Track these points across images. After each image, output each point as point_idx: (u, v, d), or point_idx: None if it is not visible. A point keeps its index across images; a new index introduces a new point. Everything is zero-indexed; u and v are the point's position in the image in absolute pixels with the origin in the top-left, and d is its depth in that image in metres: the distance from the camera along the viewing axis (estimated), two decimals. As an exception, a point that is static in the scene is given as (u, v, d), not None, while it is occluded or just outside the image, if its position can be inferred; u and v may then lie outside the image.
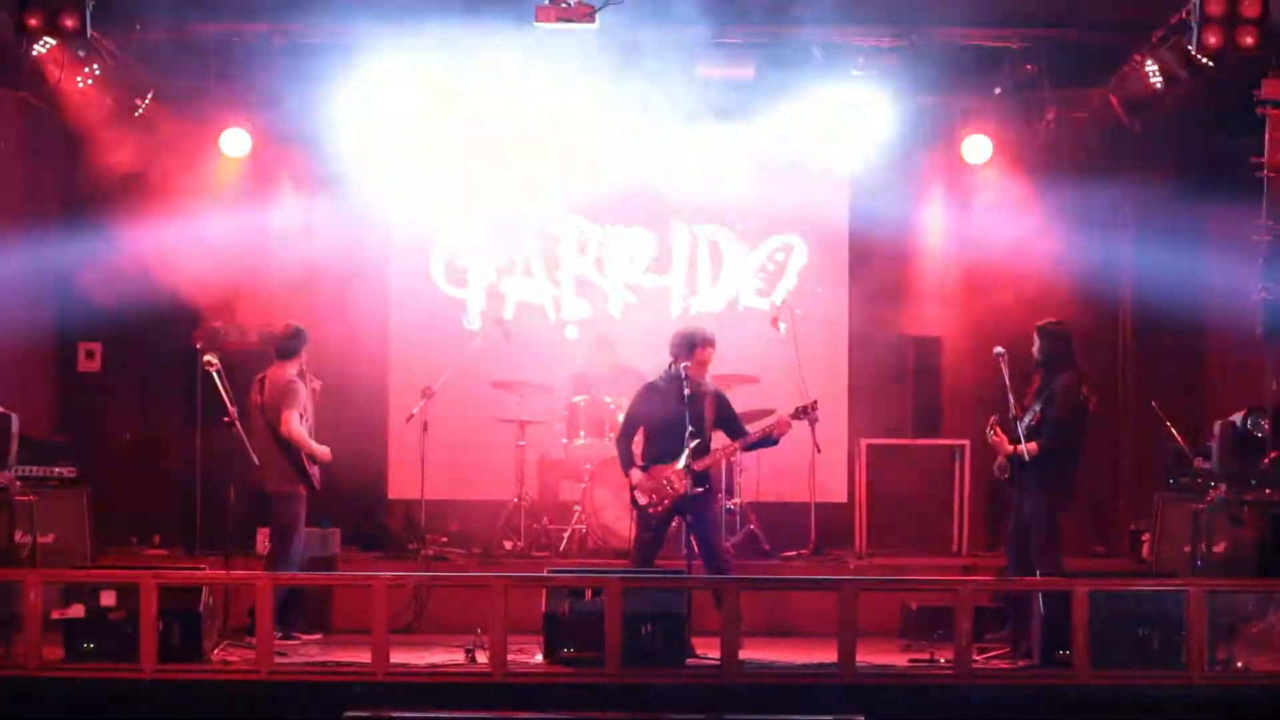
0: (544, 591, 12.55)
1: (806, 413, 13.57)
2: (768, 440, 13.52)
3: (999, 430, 13.35)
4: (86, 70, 14.92)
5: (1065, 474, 13.27)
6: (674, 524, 13.46)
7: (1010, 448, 13.18)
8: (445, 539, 16.14)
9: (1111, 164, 16.63)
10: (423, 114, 16.33)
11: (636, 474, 13.33)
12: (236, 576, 13.04)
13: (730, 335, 13.34)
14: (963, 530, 15.90)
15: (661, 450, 13.29)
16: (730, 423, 13.54)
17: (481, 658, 12.17)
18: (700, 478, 13.14)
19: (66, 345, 16.85)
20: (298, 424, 13.58)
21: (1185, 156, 16.21)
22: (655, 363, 13.72)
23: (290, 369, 13.78)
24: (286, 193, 16.90)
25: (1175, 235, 16.55)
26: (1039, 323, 13.54)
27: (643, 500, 13.24)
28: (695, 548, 13.32)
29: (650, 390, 13.54)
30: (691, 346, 13.39)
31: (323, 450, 13.77)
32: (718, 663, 12.08)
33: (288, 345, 13.86)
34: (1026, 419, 13.17)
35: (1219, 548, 13.69)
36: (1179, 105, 14.88)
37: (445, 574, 14.77)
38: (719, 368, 13.97)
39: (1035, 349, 13.42)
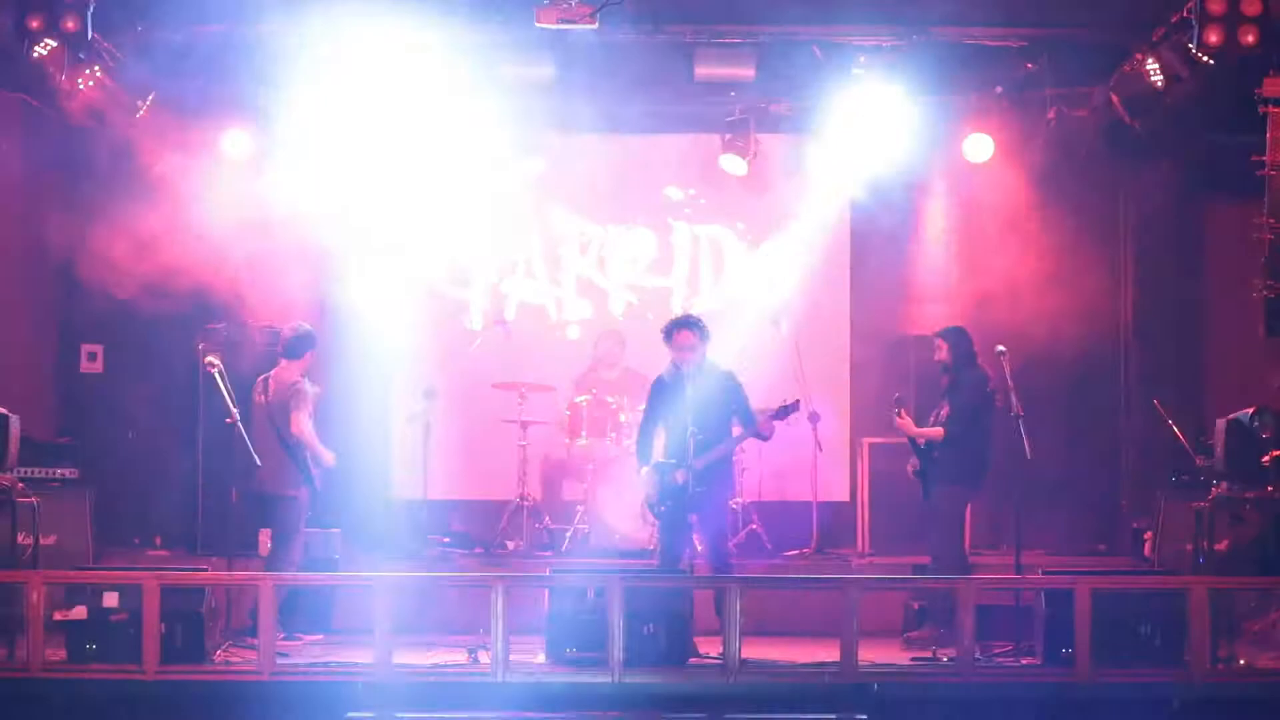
0: (546, 592, 12.57)
1: (789, 411, 13.23)
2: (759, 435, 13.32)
3: (904, 412, 13.48)
4: (87, 72, 14.89)
5: (972, 467, 13.33)
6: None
7: (917, 429, 13.40)
8: (447, 539, 16.15)
9: (1113, 162, 16.65)
10: (423, 114, 16.30)
11: (644, 470, 13.20)
12: (239, 577, 13.05)
13: (731, 335, 13.28)
14: (964, 529, 15.88)
15: (668, 445, 13.12)
16: (743, 411, 13.17)
17: (484, 658, 12.17)
18: (701, 475, 12.90)
19: (69, 347, 16.84)
20: (308, 424, 13.56)
21: (1186, 155, 16.19)
22: (656, 363, 13.67)
23: (296, 370, 13.77)
24: (288, 193, 16.88)
25: (1176, 233, 16.60)
26: (939, 329, 13.73)
27: (648, 499, 13.18)
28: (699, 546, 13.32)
29: (657, 385, 13.35)
30: (669, 335, 13.16)
31: (328, 455, 13.76)
32: (720, 662, 12.08)
33: (295, 346, 13.84)
34: (934, 414, 13.44)
35: (1221, 545, 13.69)
36: (1180, 104, 14.85)
37: (447, 574, 14.77)
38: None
39: (942, 354, 13.70)
